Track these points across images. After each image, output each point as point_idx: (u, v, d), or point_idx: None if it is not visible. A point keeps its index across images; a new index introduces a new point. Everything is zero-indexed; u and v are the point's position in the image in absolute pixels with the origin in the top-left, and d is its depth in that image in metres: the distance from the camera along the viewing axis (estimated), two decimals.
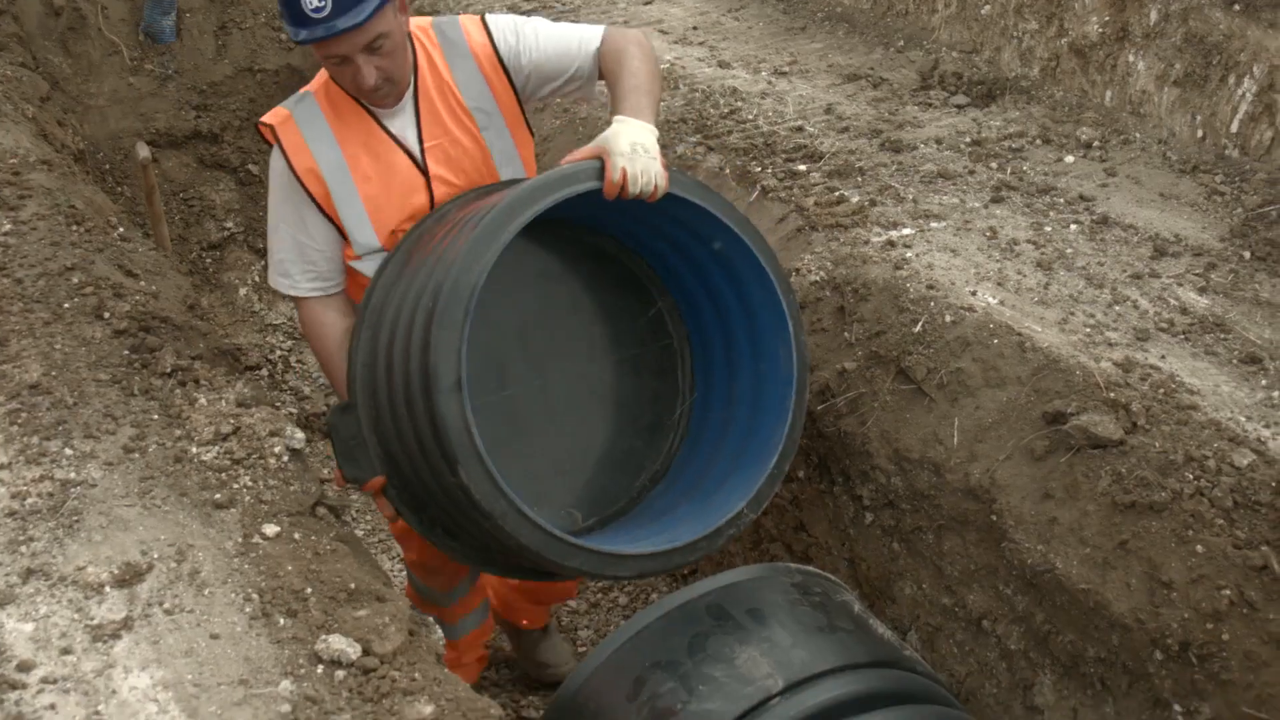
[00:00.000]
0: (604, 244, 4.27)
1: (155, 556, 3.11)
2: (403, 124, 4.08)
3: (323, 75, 4.06)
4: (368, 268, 4.08)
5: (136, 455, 3.50)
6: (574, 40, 4.12)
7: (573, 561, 3.54)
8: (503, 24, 4.13)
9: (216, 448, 3.57)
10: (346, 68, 3.84)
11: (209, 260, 8.50)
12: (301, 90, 4.10)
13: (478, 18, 4.15)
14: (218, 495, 3.38)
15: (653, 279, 4.37)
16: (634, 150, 3.64)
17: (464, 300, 3.43)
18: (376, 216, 4.08)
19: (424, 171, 4.10)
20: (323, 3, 3.66)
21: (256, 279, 8.53)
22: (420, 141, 4.09)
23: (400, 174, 4.09)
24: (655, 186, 3.65)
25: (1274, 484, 3.77)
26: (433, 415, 3.35)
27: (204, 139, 8.64)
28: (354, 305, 4.16)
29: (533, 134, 4.29)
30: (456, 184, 4.13)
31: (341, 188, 4.03)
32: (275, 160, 4.06)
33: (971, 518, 4.31)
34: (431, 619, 5.20)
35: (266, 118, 4.05)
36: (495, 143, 4.16)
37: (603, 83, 4.12)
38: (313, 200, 4.03)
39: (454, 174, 4.13)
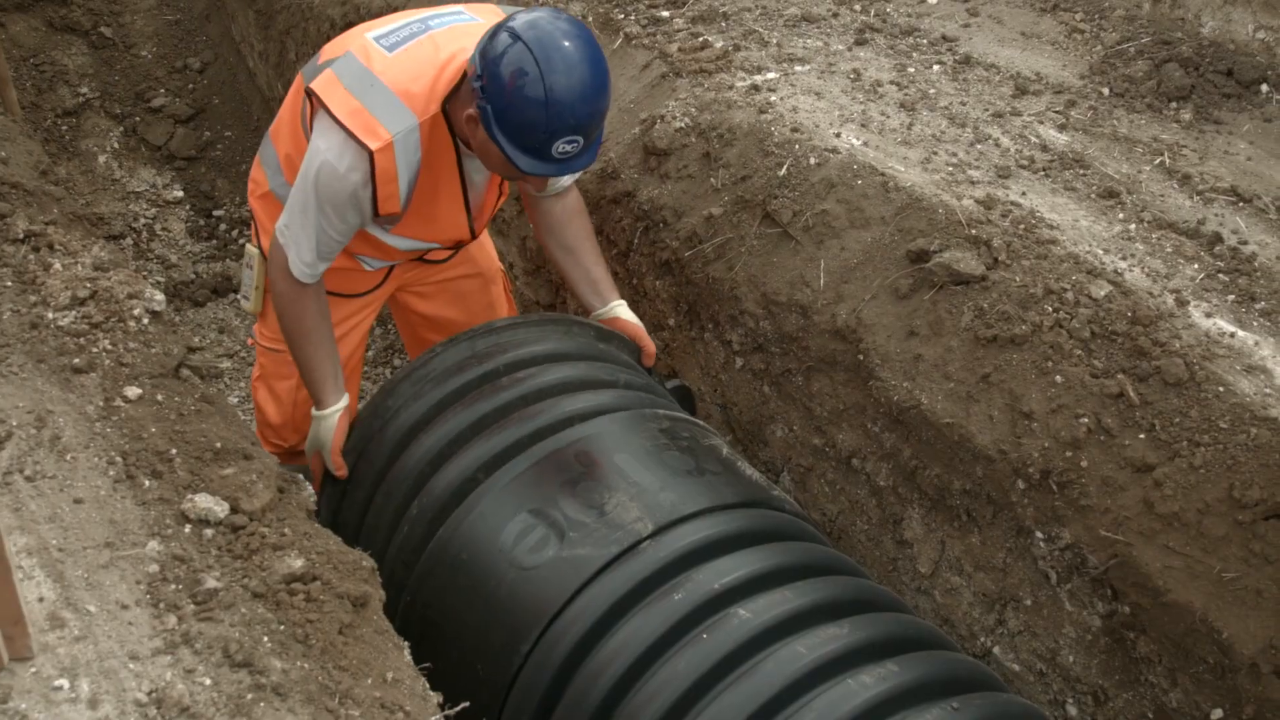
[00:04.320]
0: None
1: (14, 424, 3.05)
2: (481, 169, 4.06)
3: (433, 107, 3.77)
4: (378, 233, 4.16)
5: None
6: None
7: None
8: None
9: (73, 312, 3.49)
10: (525, 180, 3.83)
11: (65, 128, 8.24)
12: (402, 101, 3.75)
13: None
14: (76, 360, 3.30)
15: None
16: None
17: None
18: (411, 227, 4.13)
19: (469, 224, 4.25)
20: (573, 146, 3.56)
21: (115, 146, 8.30)
22: (475, 190, 4.15)
23: (451, 215, 4.17)
24: None
25: (1130, 314, 3.85)
26: None
27: (52, 0, 8.35)
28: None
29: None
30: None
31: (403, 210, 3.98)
32: (350, 173, 3.75)
33: (839, 358, 4.36)
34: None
35: (364, 137, 3.69)
36: None
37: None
38: (371, 212, 3.91)
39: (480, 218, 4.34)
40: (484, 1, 4.32)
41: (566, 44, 3.49)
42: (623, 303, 4.41)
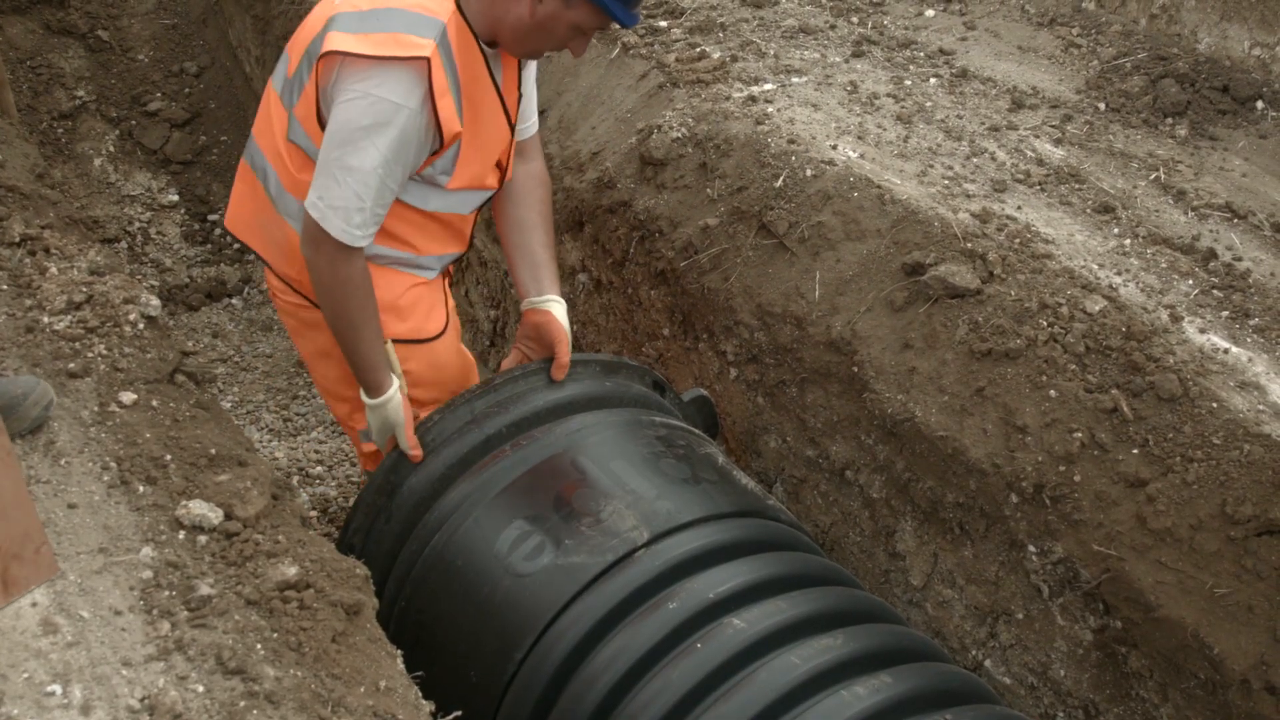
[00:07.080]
0: None
1: None
2: (506, 76, 3.83)
3: (450, 6, 3.52)
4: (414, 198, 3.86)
5: None
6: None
7: None
8: None
9: (69, 316, 3.49)
10: (582, 39, 3.65)
11: (60, 131, 8.23)
12: (421, 12, 3.48)
13: None
14: (72, 365, 3.30)
15: None
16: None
17: None
18: (466, 161, 3.82)
19: (511, 127, 3.92)
20: None
21: (111, 149, 8.29)
22: (508, 94, 3.88)
23: (496, 127, 3.86)
24: None
25: (1124, 329, 3.86)
26: None
27: (49, 3, 8.34)
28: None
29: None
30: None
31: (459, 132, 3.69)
32: (407, 98, 3.46)
33: (833, 370, 4.36)
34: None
35: (410, 52, 3.42)
36: None
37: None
38: (436, 143, 3.64)
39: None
40: None
41: None
42: (560, 300, 4.05)
